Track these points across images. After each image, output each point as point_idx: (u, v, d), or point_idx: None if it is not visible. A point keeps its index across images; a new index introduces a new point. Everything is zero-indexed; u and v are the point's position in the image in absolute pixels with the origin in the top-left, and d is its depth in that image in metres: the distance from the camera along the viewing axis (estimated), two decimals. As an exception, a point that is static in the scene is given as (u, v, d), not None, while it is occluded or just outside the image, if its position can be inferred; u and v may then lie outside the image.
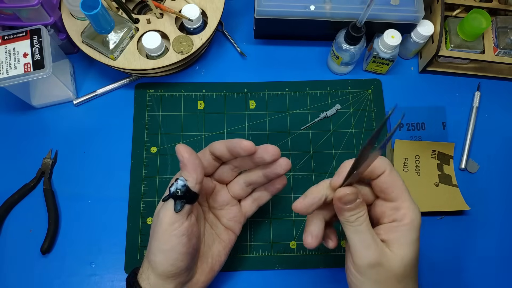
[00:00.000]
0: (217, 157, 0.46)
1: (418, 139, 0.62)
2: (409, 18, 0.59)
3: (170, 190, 0.41)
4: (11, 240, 0.57)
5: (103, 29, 0.55)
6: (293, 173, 0.61)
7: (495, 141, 0.64)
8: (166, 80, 0.65)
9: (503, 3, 0.63)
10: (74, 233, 0.58)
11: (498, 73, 0.66)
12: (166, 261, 0.42)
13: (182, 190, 0.41)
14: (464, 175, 0.62)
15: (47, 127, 0.62)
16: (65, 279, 0.56)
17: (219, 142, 0.45)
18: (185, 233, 0.41)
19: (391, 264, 0.38)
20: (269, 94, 0.65)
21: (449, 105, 0.65)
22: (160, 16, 0.61)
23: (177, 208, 0.41)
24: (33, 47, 0.54)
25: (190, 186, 0.41)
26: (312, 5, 0.58)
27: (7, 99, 0.63)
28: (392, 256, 0.38)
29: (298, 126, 0.63)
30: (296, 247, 0.57)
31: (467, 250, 0.58)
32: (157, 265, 0.42)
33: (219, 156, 0.46)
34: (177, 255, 0.42)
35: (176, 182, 0.41)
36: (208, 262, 0.47)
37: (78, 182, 0.60)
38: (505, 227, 0.60)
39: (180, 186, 0.41)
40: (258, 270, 0.57)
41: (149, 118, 0.63)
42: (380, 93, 0.65)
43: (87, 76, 0.65)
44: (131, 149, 0.61)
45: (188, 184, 0.41)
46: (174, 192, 0.41)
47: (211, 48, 0.68)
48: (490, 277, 0.57)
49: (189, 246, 0.42)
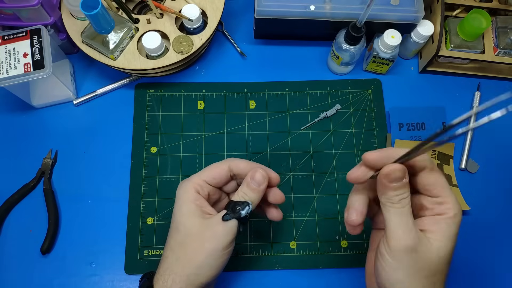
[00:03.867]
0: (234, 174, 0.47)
1: (418, 139, 0.62)
2: (409, 18, 0.59)
3: (239, 213, 0.43)
4: (11, 240, 0.57)
5: (103, 29, 0.55)
6: (293, 173, 0.61)
7: (495, 141, 0.64)
8: (166, 80, 0.65)
9: (503, 3, 0.63)
10: (74, 233, 0.58)
11: (498, 73, 0.66)
12: (210, 273, 0.43)
13: (249, 213, 0.43)
14: (464, 175, 0.62)
15: (47, 127, 0.62)
16: (65, 279, 0.56)
17: (243, 163, 0.46)
18: (231, 253, 0.44)
19: (427, 254, 0.38)
20: (269, 94, 0.65)
21: (449, 105, 0.65)
22: (160, 16, 0.61)
23: (241, 230, 0.44)
24: (33, 47, 0.54)
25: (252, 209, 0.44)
26: (312, 5, 0.58)
27: (7, 99, 0.63)
28: (430, 246, 0.38)
29: (298, 126, 0.63)
30: (296, 247, 0.57)
31: (467, 250, 0.58)
32: (199, 277, 0.43)
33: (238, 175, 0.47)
34: (221, 269, 0.44)
35: (245, 206, 0.43)
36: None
37: (78, 182, 0.60)
38: (505, 227, 0.60)
39: (249, 211, 0.43)
40: (258, 270, 0.57)
41: (149, 118, 0.63)
42: (380, 93, 0.65)
43: (87, 76, 0.65)
44: (131, 149, 0.61)
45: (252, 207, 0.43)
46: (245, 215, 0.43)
47: (211, 48, 0.68)
48: (491, 277, 0.57)
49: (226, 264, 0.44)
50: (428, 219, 0.39)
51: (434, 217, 0.39)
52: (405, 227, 0.38)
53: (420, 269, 0.38)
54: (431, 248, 0.38)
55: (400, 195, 0.38)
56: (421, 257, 0.38)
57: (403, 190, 0.38)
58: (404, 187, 0.38)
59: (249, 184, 0.44)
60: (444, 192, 0.39)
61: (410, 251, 0.37)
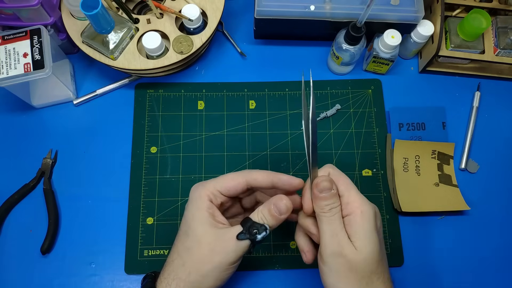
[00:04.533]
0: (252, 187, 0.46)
1: (418, 139, 0.62)
2: (409, 18, 0.59)
3: (255, 236, 0.42)
4: (11, 240, 0.57)
5: (103, 29, 0.55)
6: (293, 173, 0.61)
7: (495, 141, 0.64)
8: (166, 80, 0.65)
9: (503, 3, 0.63)
10: (74, 233, 0.58)
11: (498, 73, 0.66)
12: (214, 284, 0.43)
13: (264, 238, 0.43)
14: (464, 175, 0.62)
15: (47, 127, 0.62)
16: (65, 279, 0.56)
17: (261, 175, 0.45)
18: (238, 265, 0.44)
19: (352, 257, 0.40)
20: (269, 94, 0.65)
21: (449, 105, 0.65)
22: (160, 16, 0.61)
23: (252, 251, 0.43)
24: (33, 47, 0.54)
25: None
26: (312, 5, 0.58)
27: (7, 99, 0.63)
28: (353, 249, 0.40)
29: (298, 126, 0.63)
30: (296, 247, 0.57)
31: (467, 250, 0.58)
32: (202, 286, 0.43)
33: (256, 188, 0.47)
34: (224, 282, 0.44)
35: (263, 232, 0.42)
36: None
37: (78, 182, 0.60)
38: (505, 227, 0.60)
39: (265, 236, 0.42)
40: (258, 270, 0.57)
41: (149, 118, 0.63)
42: (380, 93, 0.65)
43: (87, 76, 0.65)
44: (131, 149, 0.61)
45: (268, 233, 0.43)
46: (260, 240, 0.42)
47: (211, 48, 0.68)
48: (491, 277, 0.57)
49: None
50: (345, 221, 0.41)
51: (346, 218, 0.41)
52: (333, 234, 0.40)
53: (349, 271, 0.40)
54: (355, 250, 0.40)
55: (330, 205, 0.41)
56: (348, 261, 0.40)
57: (332, 200, 0.41)
58: (333, 197, 0.41)
59: (270, 210, 0.43)
60: (348, 190, 0.42)
61: (336, 255, 0.40)
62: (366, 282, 0.40)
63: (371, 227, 0.41)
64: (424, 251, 0.58)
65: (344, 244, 0.40)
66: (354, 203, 0.41)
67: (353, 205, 0.41)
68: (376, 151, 0.62)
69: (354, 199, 0.41)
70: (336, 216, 0.41)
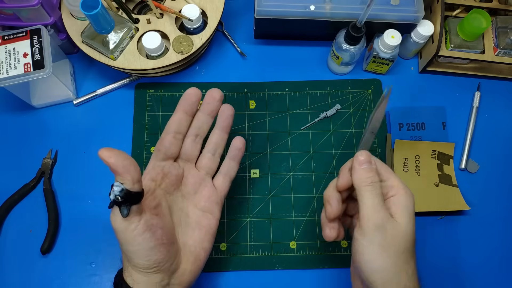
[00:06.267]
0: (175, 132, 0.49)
1: (418, 139, 0.62)
2: (409, 18, 0.59)
3: (110, 198, 0.39)
4: (11, 240, 0.57)
5: (103, 29, 0.55)
6: (293, 173, 0.61)
7: (495, 141, 0.64)
8: (166, 80, 0.65)
9: (503, 3, 0.63)
10: (74, 233, 0.58)
11: (498, 73, 0.66)
12: (140, 258, 0.42)
13: (121, 195, 0.38)
14: (464, 175, 0.62)
15: (47, 127, 0.62)
16: (65, 279, 0.56)
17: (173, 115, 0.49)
18: (146, 229, 0.41)
19: (394, 230, 0.41)
20: (269, 94, 0.65)
21: (449, 105, 0.65)
22: (160, 16, 0.61)
23: (125, 214, 0.39)
24: (33, 47, 0.54)
25: (128, 188, 0.39)
26: (312, 5, 0.58)
27: (7, 99, 0.63)
28: (395, 223, 0.42)
29: (298, 126, 0.63)
30: (296, 247, 0.57)
31: (467, 250, 0.58)
32: (134, 262, 0.43)
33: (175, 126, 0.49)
34: (148, 250, 0.42)
35: (112, 190, 0.39)
36: (191, 251, 0.47)
37: (78, 182, 0.60)
38: (505, 227, 0.60)
39: (118, 192, 0.38)
40: (258, 270, 0.57)
41: (149, 118, 0.63)
42: (380, 93, 0.65)
43: (87, 76, 0.65)
44: (131, 149, 0.61)
45: (126, 187, 0.39)
46: (114, 199, 0.39)
47: (211, 48, 0.68)
48: (491, 277, 0.57)
49: (157, 238, 0.42)
50: (387, 202, 0.43)
51: (391, 199, 0.43)
52: (376, 207, 0.42)
53: (389, 245, 0.41)
54: (397, 225, 0.41)
55: (371, 177, 0.43)
56: (389, 234, 0.41)
57: (372, 174, 0.43)
58: (373, 171, 0.43)
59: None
60: (390, 175, 0.45)
61: (379, 227, 0.41)
62: (404, 259, 0.41)
63: (412, 206, 0.43)
64: (424, 251, 0.58)
65: (387, 219, 0.41)
66: (399, 186, 0.44)
67: (398, 187, 0.44)
68: (376, 151, 0.62)
69: (397, 183, 0.44)
70: (379, 191, 0.42)
